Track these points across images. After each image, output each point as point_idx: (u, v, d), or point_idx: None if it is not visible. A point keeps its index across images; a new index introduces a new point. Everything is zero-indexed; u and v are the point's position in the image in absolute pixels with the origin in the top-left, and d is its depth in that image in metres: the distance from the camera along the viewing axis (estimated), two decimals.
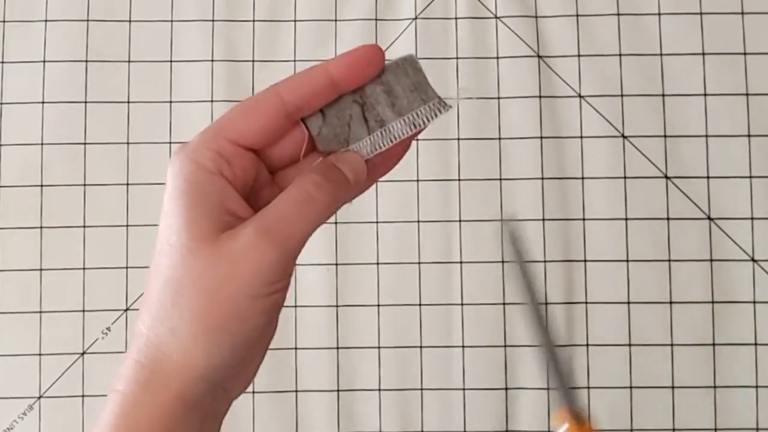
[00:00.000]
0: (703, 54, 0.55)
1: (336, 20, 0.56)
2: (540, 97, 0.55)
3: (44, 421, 0.53)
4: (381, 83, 0.29)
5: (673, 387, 0.53)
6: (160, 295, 0.26)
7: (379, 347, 0.54)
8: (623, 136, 0.54)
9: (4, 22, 0.56)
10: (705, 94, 0.55)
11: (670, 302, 0.53)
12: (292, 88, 0.27)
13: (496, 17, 0.56)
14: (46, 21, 0.56)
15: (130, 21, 0.56)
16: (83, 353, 0.53)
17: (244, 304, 0.25)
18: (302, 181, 0.27)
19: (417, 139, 0.46)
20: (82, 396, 0.53)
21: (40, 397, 0.53)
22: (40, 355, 0.53)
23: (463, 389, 0.53)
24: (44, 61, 0.56)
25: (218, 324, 0.25)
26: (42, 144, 0.55)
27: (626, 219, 0.54)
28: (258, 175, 0.28)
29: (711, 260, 0.53)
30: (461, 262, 0.54)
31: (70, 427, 0.53)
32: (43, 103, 0.55)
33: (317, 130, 0.28)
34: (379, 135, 0.29)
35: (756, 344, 0.52)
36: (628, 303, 0.53)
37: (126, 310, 0.54)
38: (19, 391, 0.53)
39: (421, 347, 0.53)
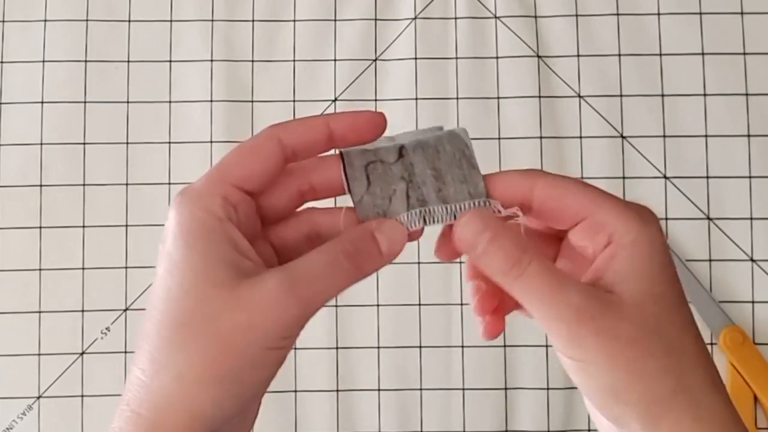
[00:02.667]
0: (703, 54, 0.55)
1: (335, 20, 0.56)
2: (539, 97, 0.55)
3: (43, 421, 0.53)
4: (433, 168, 0.28)
5: None
6: (167, 340, 0.25)
7: (378, 347, 0.54)
8: (622, 137, 0.54)
9: (3, 21, 0.56)
10: (704, 94, 0.55)
11: None
12: (290, 133, 0.27)
13: (495, 17, 0.56)
14: (45, 21, 0.56)
15: (129, 21, 0.56)
16: (82, 353, 0.53)
17: (257, 354, 0.25)
18: (335, 246, 0.27)
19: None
20: (82, 396, 0.53)
21: (39, 397, 0.53)
22: (39, 355, 0.53)
23: (463, 389, 0.53)
24: (44, 61, 0.56)
25: (230, 372, 0.25)
26: (41, 144, 0.55)
27: None
28: (254, 228, 0.28)
29: (710, 260, 0.53)
30: (461, 262, 0.54)
31: (69, 427, 0.53)
32: (42, 103, 0.55)
33: (359, 196, 0.28)
34: (417, 214, 0.28)
35: (755, 344, 0.52)
36: None
37: (125, 310, 0.54)
38: (19, 391, 0.53)
39: (420, 347, 0.53)
